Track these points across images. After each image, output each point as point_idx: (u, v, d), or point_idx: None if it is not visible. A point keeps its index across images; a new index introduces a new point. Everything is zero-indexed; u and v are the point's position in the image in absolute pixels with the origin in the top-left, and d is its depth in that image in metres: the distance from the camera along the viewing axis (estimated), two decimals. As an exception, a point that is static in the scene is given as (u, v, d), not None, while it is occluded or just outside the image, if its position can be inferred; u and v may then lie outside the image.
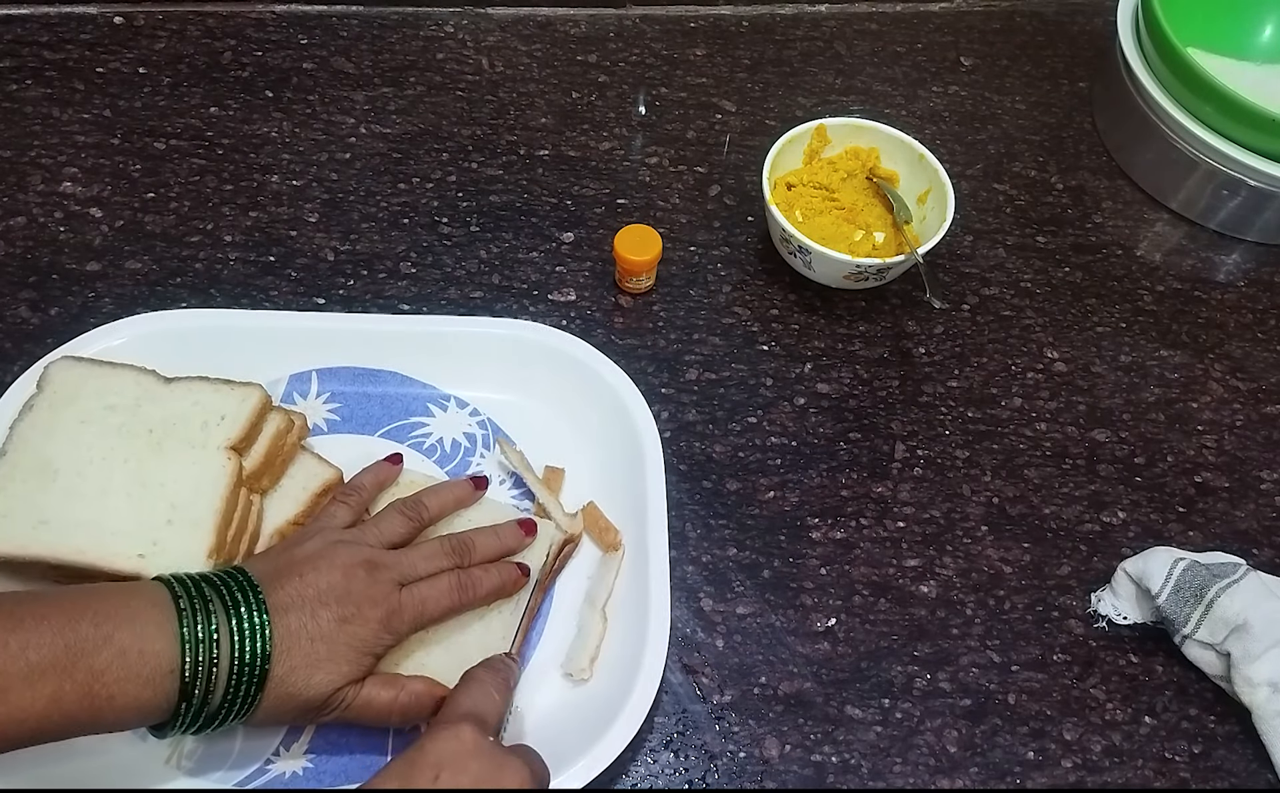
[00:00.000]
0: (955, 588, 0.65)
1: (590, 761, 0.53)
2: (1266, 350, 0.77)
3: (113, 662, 0.45)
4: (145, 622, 0.47)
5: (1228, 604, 0.59)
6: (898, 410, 0.72)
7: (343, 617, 0.52)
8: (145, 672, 0.46)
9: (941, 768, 0.58)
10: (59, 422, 0.60)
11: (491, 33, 0.91)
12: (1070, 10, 0.98)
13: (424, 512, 0.59)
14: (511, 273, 0.76)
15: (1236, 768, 0.60)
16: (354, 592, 0.52)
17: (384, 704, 0.53)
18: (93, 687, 0.45)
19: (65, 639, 0.45)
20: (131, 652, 0.46)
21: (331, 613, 0.51)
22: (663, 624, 0.58)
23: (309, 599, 0.51)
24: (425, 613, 0.55)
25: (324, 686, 0.51)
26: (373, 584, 0.53)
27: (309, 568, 0.52)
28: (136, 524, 0.56)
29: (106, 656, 0.45)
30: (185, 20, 0.89)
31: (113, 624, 0.46)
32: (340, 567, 0.53)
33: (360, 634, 0.52)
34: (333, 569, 0.53)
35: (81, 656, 0.45)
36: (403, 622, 0.54)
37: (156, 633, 0.47)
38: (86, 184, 0.78)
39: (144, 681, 0.46)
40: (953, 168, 0.78)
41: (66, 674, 0.45)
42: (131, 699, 0.46)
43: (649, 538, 0.61)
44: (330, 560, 0.53)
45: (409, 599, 0.54)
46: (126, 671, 0.46)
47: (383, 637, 0.53)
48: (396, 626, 0.54)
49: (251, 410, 0.61)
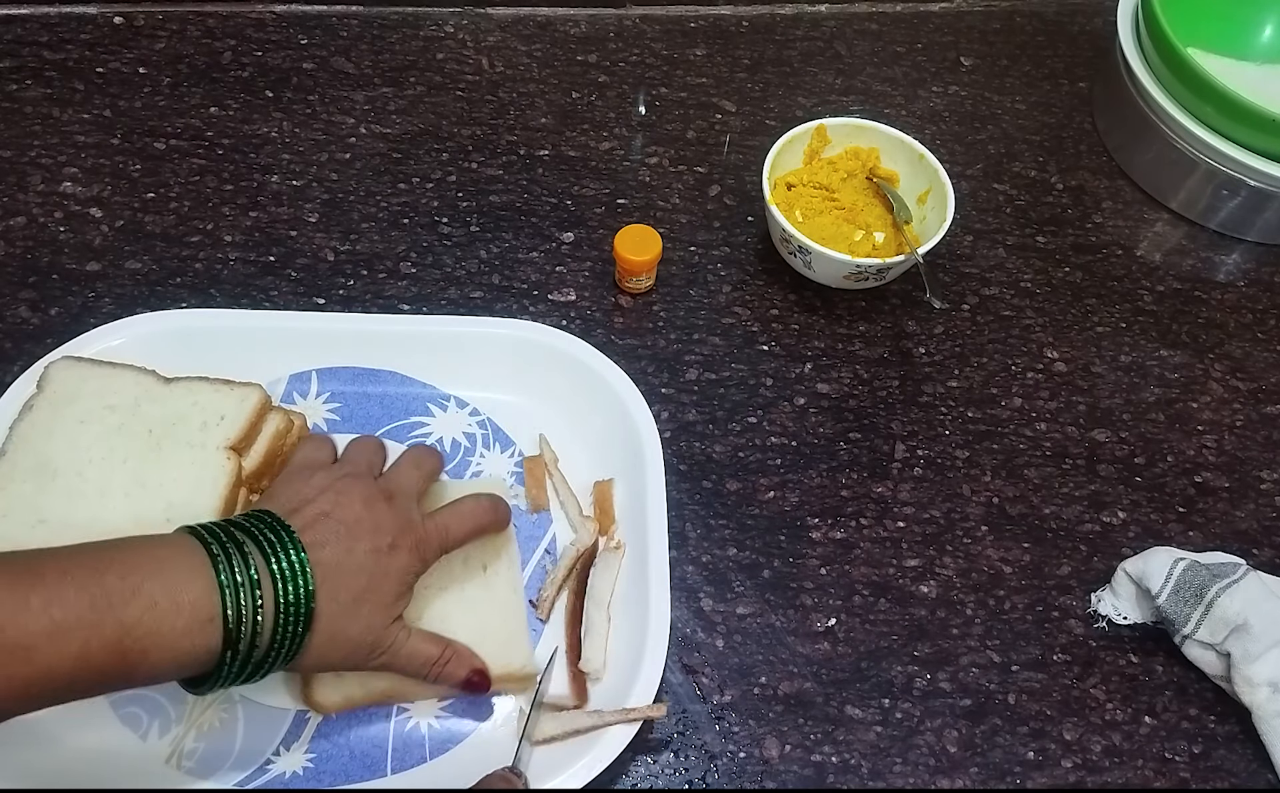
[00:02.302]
0: (955, 588, 0.65)
1: (591, 760, 0.54)
2: (1266, 350, 0.77)
3: (144, 614, 0.44)
4: (176, 569, 0.46)
5: (1228, 604, 0.59)
6: (898, 410, 0.72)
7: (378, 548, 0.52)
8: (181, 623, 0.45)
9: (941, 768, 0.58)
10: (59, 422, 0.60)
11: (491, 33, 0.91)
12: (1070, 10, 0.98)
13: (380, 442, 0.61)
14: (511, 273, 0.76)
15: (1236, 768, 0.60)
16: (383, 523, 0.52)
17: (430, 657, 0.54)
18: (123, 641, 0.43)
19: (90, 594, 0.43)
20: (164, 602, 0.44)
21: (366, 545, 0.51)
22: (663, 624, 0.58)
23: (341, 535, 0.51)
24: (449, 538, 0.56)
25: (373, 620, 0.51)
26: (396, 514, 0.54)
27: (330, 503, 0.52)
28: (135, 524, 0.56)
29: (136, 608, 0.44)
30: (185, 20, 0.89)
31: (140, 575, 0.45)
32: (360, 498, 0.53)
33: (398, 564, 0.52)
34: (354, 501, 0.52)
35: (108, 610, 0.43)
36: (430, 549, 0.55)
37: (190, 580, 0.45)
38: (86, 184, 0.78)
39: (180, 631, 0.45)
40: (953, 168, 0.78)
41: (94, 630, 0.43)
42: (168, 650, 0.45)
43: (649, 538, 0.61)
44: (349, 493, 0.53)
45: (433, 527, 0.55)
46: (159, 622, 0.44)
47: (415, 565, 0.54)
48: (425, 553, 0.54)
49: (251, 410, 0.61)
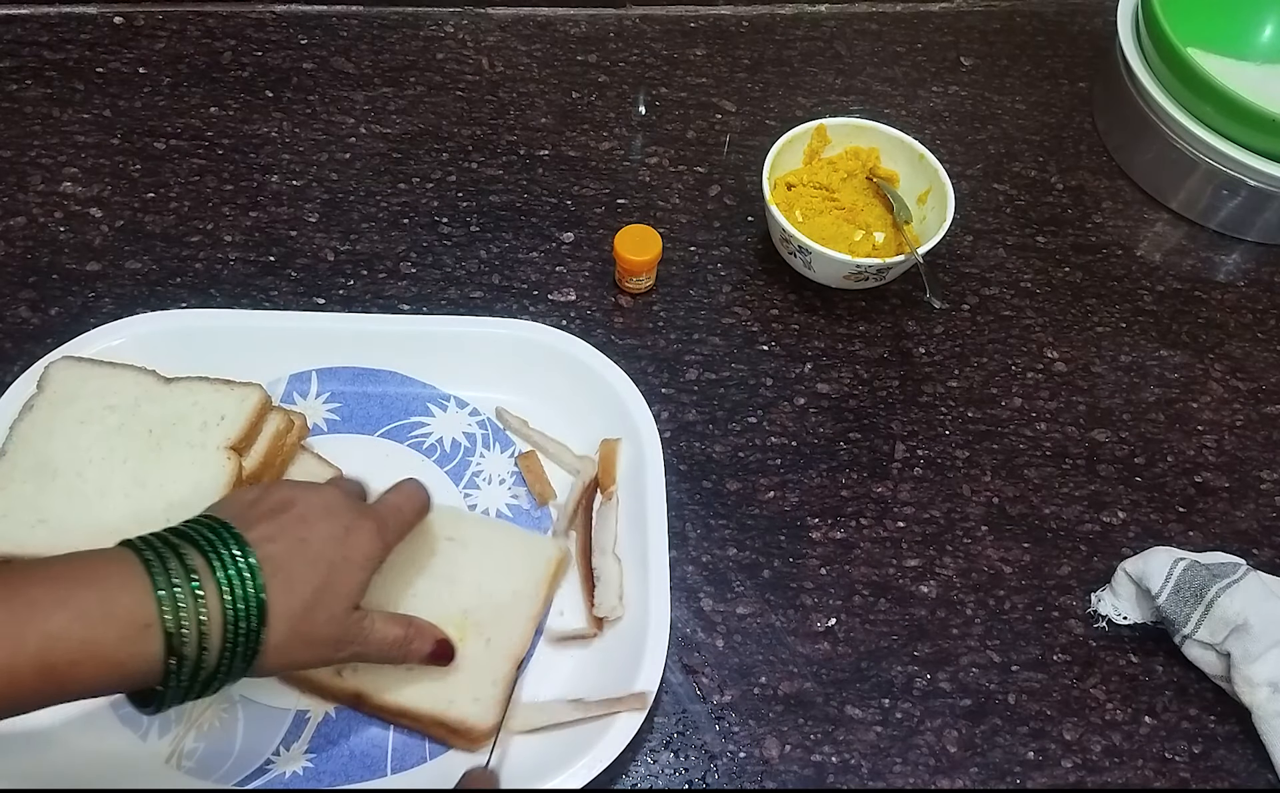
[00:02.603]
0: (955, 588, 0.65)
1: (591, 760, 0.53)
2: (1266, 350, 0.77)
3: (71, 624, 0.42)
4: (108, 578, 0.44)
5: (1228, 604, 0.59)
6: (898, 410, 0.72)
7: (334, 535, 0.50)
8: (114, 632, 0.43)
9: (941, 768, 0.58)
10: (59, 422, 0.60)
11: (491, 33, 0.91)
12: (1070, 10, 0.98)
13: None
14: (511, 273, 0.76)
15: (1236, 768, 0.60)
16: (336, 512, 0.51)
17: (397, 639, 0.53)
18: (49, 654, 0.42)
19: (11, 607, 0.42)
20: (95, 611, 0.43)
21: (323, 532, 0.50)
22: (663, 624, 0.58)
23: (293, 525, 0.49)
24: (404, 518, 0.55)
25: (337, 610, 0.49)
26: (352, 502, 0.52)
27: (284, 499, 0.50)
28: (134, 524, 0.56)
29: (62, 618, 0.42)
30: (185, 20, 0.89)
31: (68, 587, 0.43)
32: (315, 491, 0.52)
33: (359, 550, 0.51)
34: (309, 495, 0.51)
35: (30, 622, 0.42)
36: (389, 530, 0.53)
37: (121, 589, 0.44)
38: (86, 184, 0.78)
39: (115, 641, 0.43)
40: (953, 168, 0.78)
41: (17, 643, 0.41)
42: (102, 661, 0.43)
43: (649, 538, 0.61)
44: (303, 493, 0.51)
45: (386, 507, 0.54)
46: (89, 631, 0.42)
47: (377, 547, 0.52)
48: (386, 535, 0.53)
49: (251, 411, 0.61)
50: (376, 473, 0.64)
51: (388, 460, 0.65)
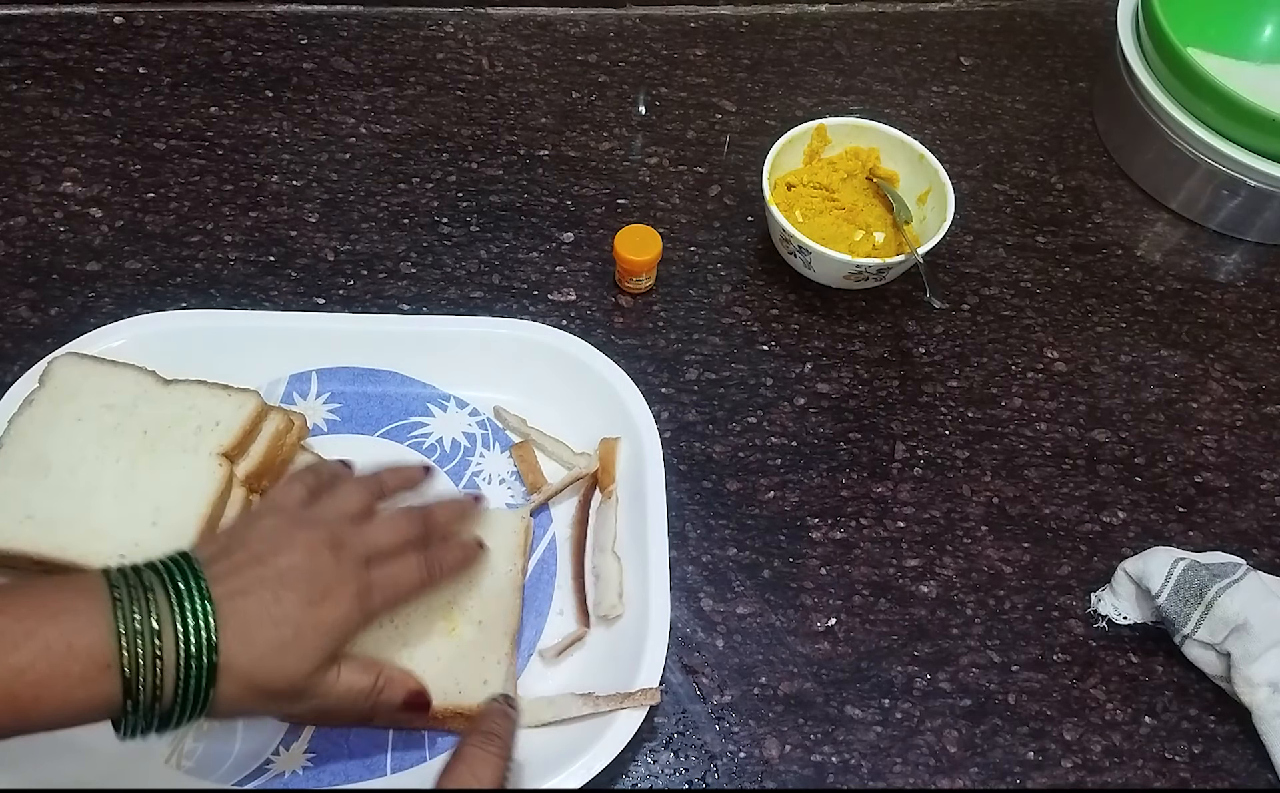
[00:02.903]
0: (955, 588, 0.65)
1: (590, 759, 0.53)
2: (1266, 350, 0.77)
3: (36, 658, 0.42)
4: (75, 614, 0.44)
5: (1228, 604, 0.59)
6: (898, 410, 0.72)
7: (310, 599, 0.48)
8: (77, 669, 0.43)
9: (941, 768, 0.58)
10: (57, 418, 0.60)
11: (491, 33, 0.91)
12: (1070, 10, 0.98)
13: (382, 485, 0.57)
14: (511, 273, 0.76)
15: (1236, 768, 0.60)
16: (320, 572, 0.49)
17: (363, 690, 0.51)
18: (13, 685, 0.42)
19: None
20: (58, 646, 0.42)
21: (297, 595, 0.48)
22: (663, 624, 0.58)
23: (269, 582, 0.48)
24: (397, 592, 0.53)
25: (295, 672, 0.48)
26: (339, 564, 0.50)
27: (267, 550, 0.49)
28: (120, 525, 0.56)
29: (28, 651, 0.42)
30: (185, 20, 0.89)
31: (36, 619, 0.43)
32: (302, 546, 0.50)
33: (331, 617, 0.49)
34: (294, 549, 0.49)
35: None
36: (373, 602, 0.51)
37: (88, 626, 0.43)
38: (86, 184, 0.78)
39: (76, 677, 0.43)
40: (953, 168, 0.78)
41: None
42: (62, 697, 0.43)
43: (649, 538, 0.61)
44: (290, 539, 0.50)
45: (380, 578, 0.52)
46: (52, 667, 0.42)
47: (354, 617, 0.50)
48: (368, 605, 0.51)
49: (246, 418, 0.61)
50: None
51: (388, 461, 0.65)
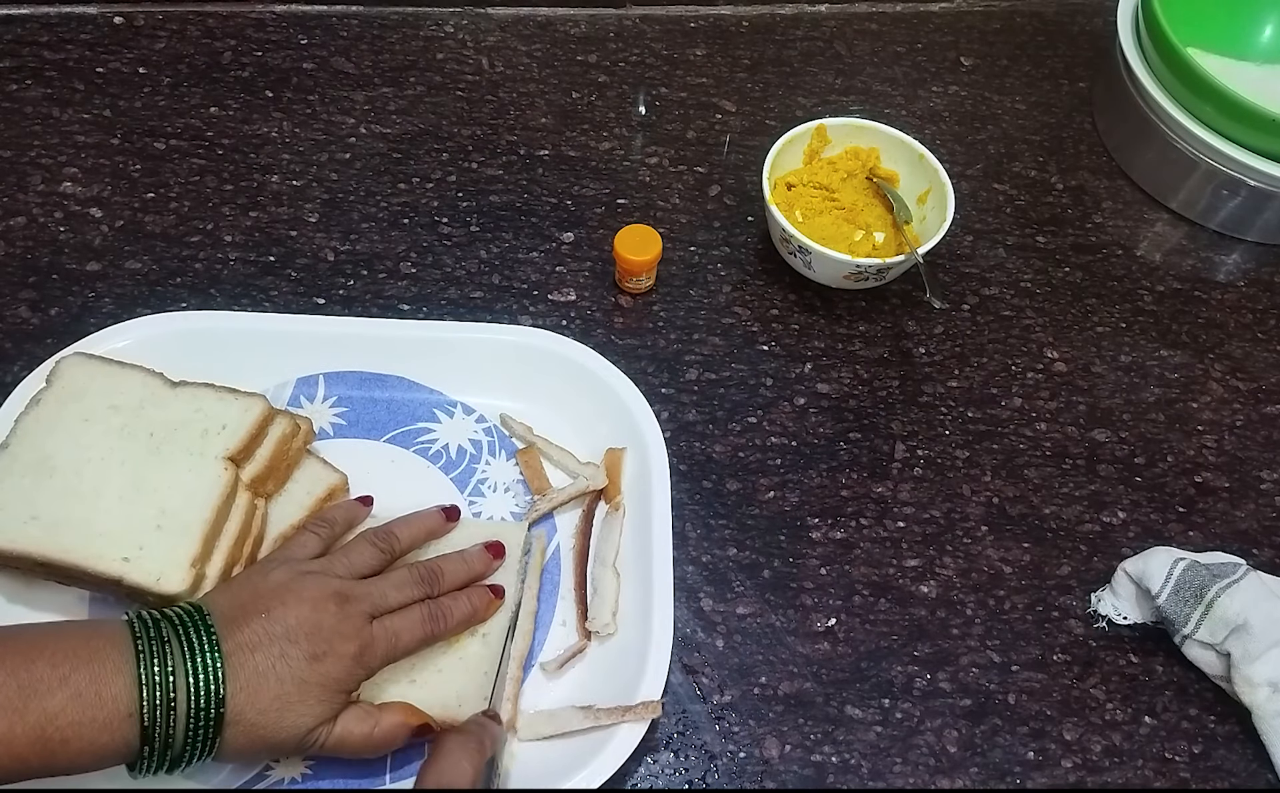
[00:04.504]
0: (955, 588, 0.65)
1: (589, 774, 0.53)
2: (1266, 350, 0.77)
3: (68, 704, 0.44)
4: (104, 662, 0.46)
5: (1228, 604, 0.59)
6: (898, 410, 0.72)
7: (314, 654, 0.50)
8: (103, 715, 0.45)
9: (941, 768, 0.58)
10: (63, 418, 0.60)
11: (491, 33, 0.91)
12: (1070, 10, 0.98)
13: (395, 542, 0.58)
14: (511, 273, 0.76)
15: (1236, 768, 0.60)
16: (325, 627, 0.51)
17: (360, 738, 0.52)
18: (45, 729, 0.44)
19: (19, 680, 0.44)
20: (88, 694, 0.45)
21: (301, 650, 0.50)
22: (666, 628, 0.58)
23: (277, 637, 0.50)
24: (398, 646, 0.54)
25: (297, 727, 0.50)
26: (344, 619, 0.52)
27: (276, 603, 0.51)
28: (125, 527, 0.56)
29: (61, 697, 0.44)
30: (185, 20, 0.89)
31: (70, 665, 0.45)
32: (309, 600, 0.51)
33: (333, 672, 0.51)
34: (301, 604, 0.51)
35: (34, 696, 0.44)
36: (375, 656, 0.53)
37: (114, 675, 0.46)
38: (86, 184, 0.78)
39: (101, 724, 0.45)
40: (953, 168, 0.78)
41: (18, 715, 0.43)
42: (87, 743, 0.45)
43: (654, 551, 0.60)
44: (299, 594, 0.52)
45: (381, 632, 0.53)
46: (82, 713, 0.44)
47: (355, 672, 0.52)
48: (369, 660, 0.53)
49: (253, 422, 0.60)
50: (382, 478, 0.64)
51: (393, 466, 0.65)
